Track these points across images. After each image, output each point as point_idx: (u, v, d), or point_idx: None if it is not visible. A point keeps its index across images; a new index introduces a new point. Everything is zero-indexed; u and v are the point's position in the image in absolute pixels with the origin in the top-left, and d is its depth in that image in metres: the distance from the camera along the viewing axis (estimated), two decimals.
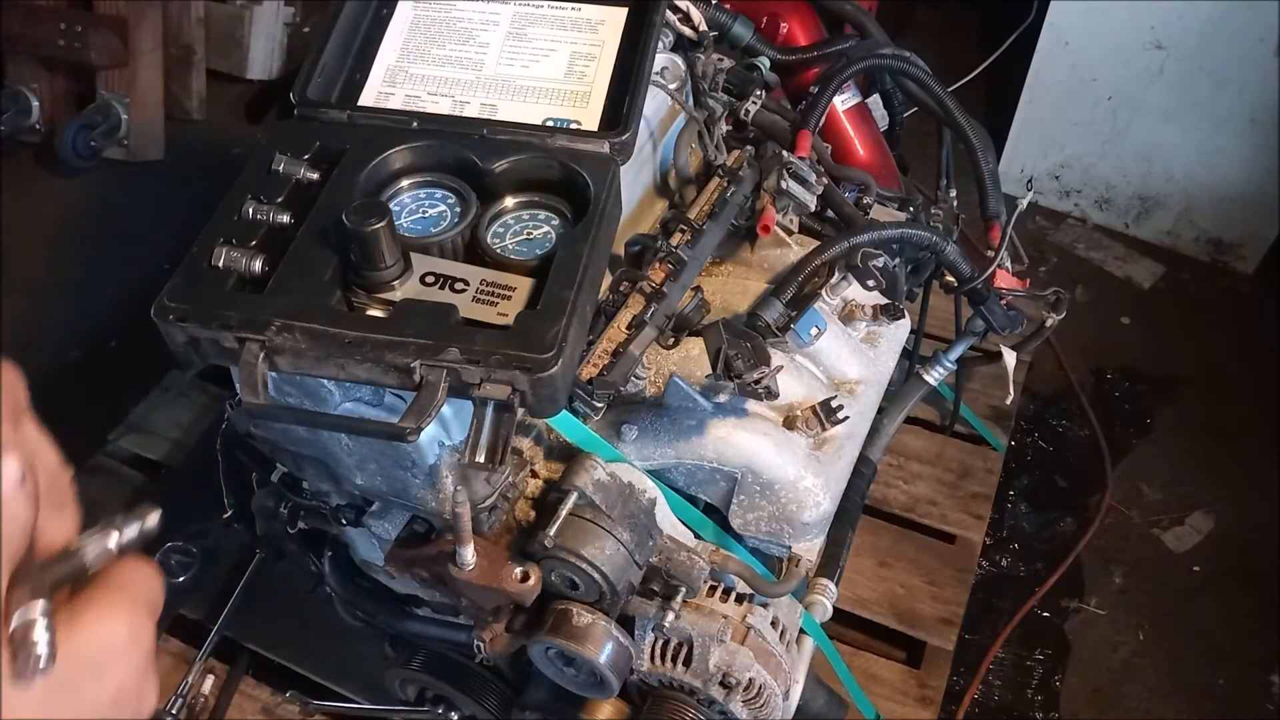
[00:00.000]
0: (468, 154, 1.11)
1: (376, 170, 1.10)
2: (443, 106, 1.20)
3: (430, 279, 1.01)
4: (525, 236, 1.09)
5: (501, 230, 1.10)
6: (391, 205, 1.08)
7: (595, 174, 1.08)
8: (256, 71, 3.27)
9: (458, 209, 1.10)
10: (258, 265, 1.01)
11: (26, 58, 3.05)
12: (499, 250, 1.07)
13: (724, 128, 1.55)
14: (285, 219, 1.05)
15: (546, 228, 1.09)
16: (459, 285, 1.01)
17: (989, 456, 2.25)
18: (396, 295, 1.00)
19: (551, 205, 1.11)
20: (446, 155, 1.12)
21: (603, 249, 1.06)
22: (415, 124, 1.15)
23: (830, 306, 1.43)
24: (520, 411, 1.07)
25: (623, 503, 1.16)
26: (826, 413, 1.27)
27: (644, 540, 1.16)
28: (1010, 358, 1.74)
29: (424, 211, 1.10)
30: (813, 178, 1.44)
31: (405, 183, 1.13)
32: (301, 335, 0.94)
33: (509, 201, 1.12)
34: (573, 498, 1.13)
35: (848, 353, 1.42)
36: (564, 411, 1.20)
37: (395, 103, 1.21)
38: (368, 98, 1.21)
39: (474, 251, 1.08)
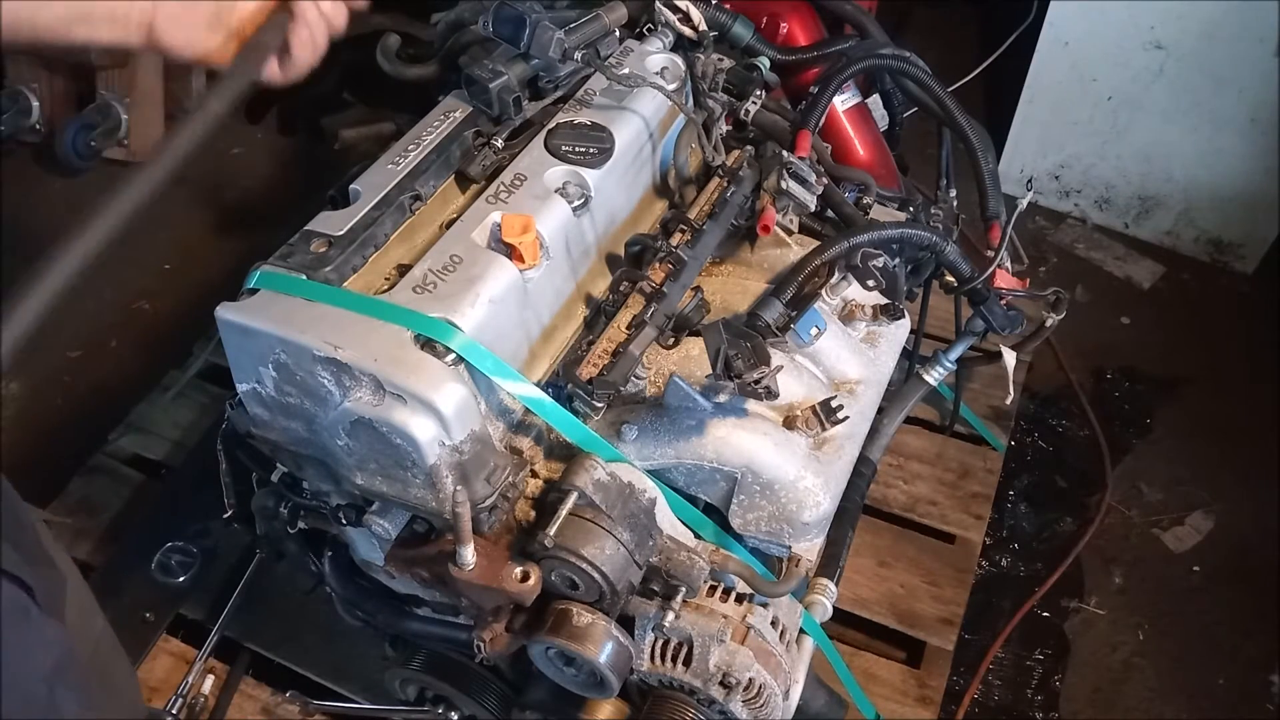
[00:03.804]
0: None
1: None
2: None
3: None
4: None
5: None
6: None
7: None
8: None
9: None
10: None
11: (26, 58, 3.04)
12: None
13: (724, 128, 1.55)
14: None
15: None
16: None
17: (989, 456, 2.25)
18: None
19: None
20: None
21: None
22: None
23: (830, 306, 1.43)
24: (520, 410, 1.08)
25: (623, 503, 1.16)
26: (826, 413, 1.27)
27: (644, 540, 1.16)
28: (1010, 358, 1.74)
29: None
30: (813, 178, 1.44)
31: None
32: None
33: None
34: (573, 498, 1.13)
35: (848, 353, 1.42)
36: (564, 411, 1.20)
37: None
38: None
39: None
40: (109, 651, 1.28)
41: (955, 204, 1.81)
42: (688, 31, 1.52)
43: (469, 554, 1.12)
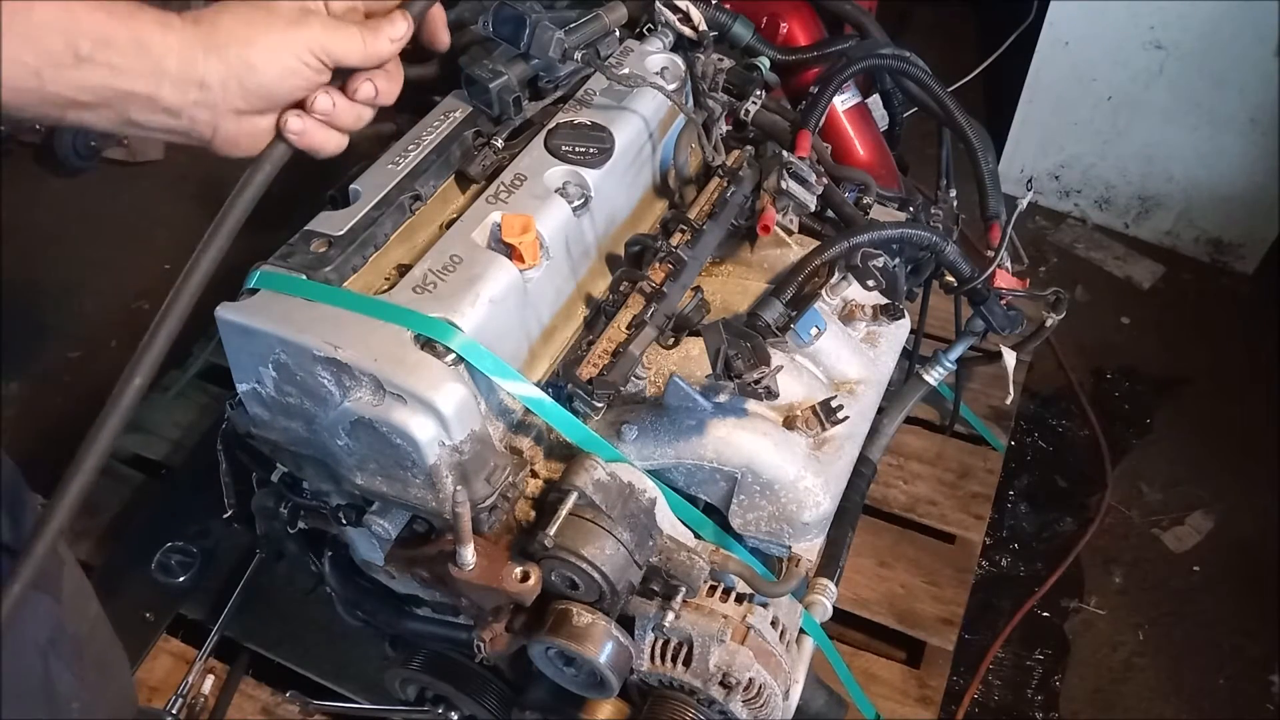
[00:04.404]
0: None
1: None
2: None
3: None
4: None
5: None
6: None
7: None
8: None
9: None
10: None
11: None
12: None
13: (724, 128, 1.55)
14: None
15: None
16: None
17: (989, 456, 2.25)
18: None
19: None
20: None
21: None
22: None
23: (830, 306, 1.43)
24: (520, 410, 1.07)
25: (623, 503, 1.16)
26: (826, 413, 1.27)
27: (644, 540, 1.16)
28: (1010, 358, 1.74)
29: None
30: (813, 178, 1.44)
31: None
32: None
33: None
34: (573, 498, 1.13)
35: (848, 353, 1.42)
36: (564, 411, 1.20)
37: None
38: None
39: None
40: (103, 635, 1.28)
41: (955, 204, 1.81)
42: (688, 31, 1.52)
43: (469, 554, 1.12)
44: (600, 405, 1.24)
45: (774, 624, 1.29)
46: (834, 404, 1.27)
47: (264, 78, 0.89)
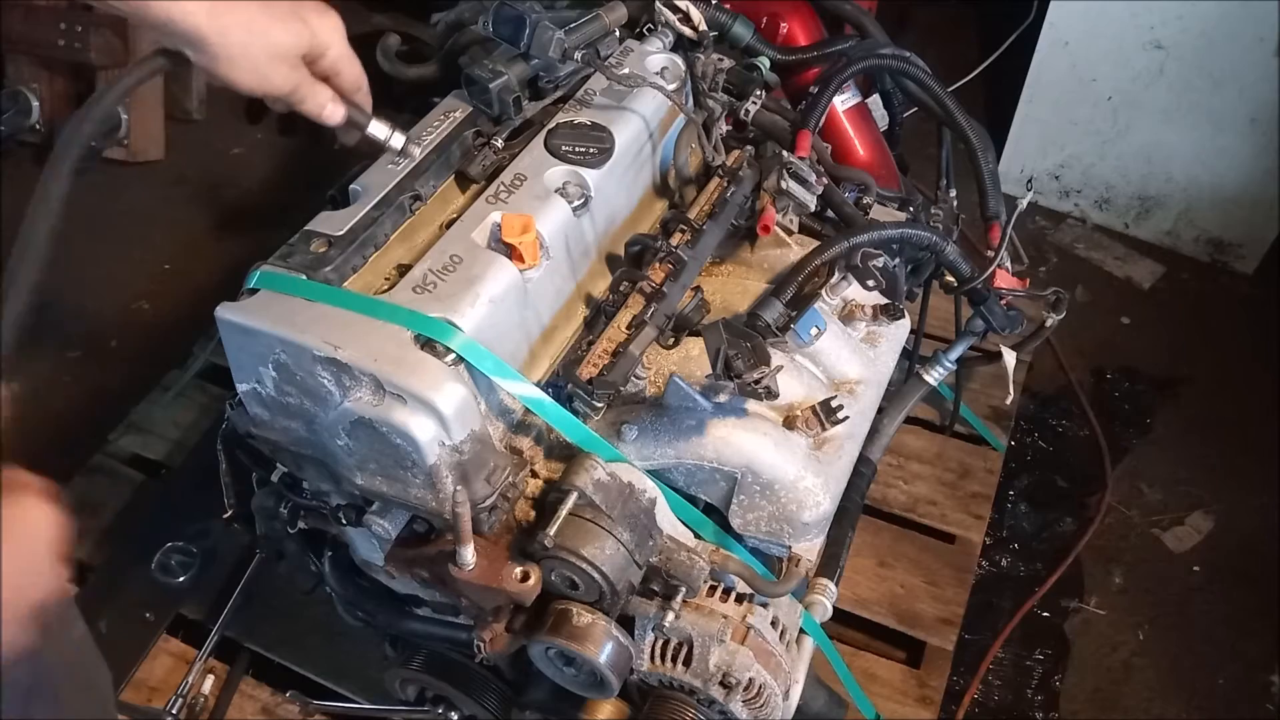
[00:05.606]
0: None
1: None
2: None
3: None
4: None
5: None
6: None
7: None
8: None
9: None
10: None
11: (26, 58, 3.05)
12: None
13: (724, 128, 1.55)
14: None
15: None
16: None
17: (989, 456, 2.25)
18: None
19: None
20: None
21: None
22: None
23: (830, 306, 1.43)
24: (520, 410, 1.07)
25: (623, 503, 1.16)
26: (826, 413, 1.26)
27: (644, 540, 1.16)
28: (1010, 358, 1.74)
29: None
30: (813, 178, 1.44)
31: None
32: None
33: None
34: (573, 498, 1.13)
35: (848, 353, 1.42)
36: (564, 411, 1.20)
37: None
38: None
39: None
40: (89, 657, 1.27)
41: (955, 204, 1.81)
42: (688, 31, 1.52)
43: (469, 554, 1.12)
44: (600, 405, 1.24)
45: (774, 624, 1.29)
46: (834, 404, 1.27)
47: None
